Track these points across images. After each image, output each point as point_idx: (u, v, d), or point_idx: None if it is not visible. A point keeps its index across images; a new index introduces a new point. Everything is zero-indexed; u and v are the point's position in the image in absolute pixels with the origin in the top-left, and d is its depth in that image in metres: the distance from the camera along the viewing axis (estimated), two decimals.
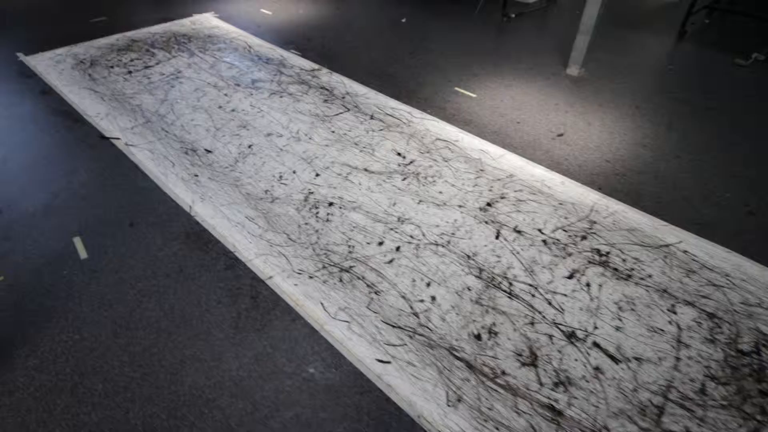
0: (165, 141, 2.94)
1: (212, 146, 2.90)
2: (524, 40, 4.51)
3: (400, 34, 4.55)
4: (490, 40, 4.49)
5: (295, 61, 3.97)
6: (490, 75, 3.83)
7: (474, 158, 2.85)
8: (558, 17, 5.13)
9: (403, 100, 3.43)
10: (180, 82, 3.58)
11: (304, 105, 3.34)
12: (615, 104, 3.43)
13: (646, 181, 2.69)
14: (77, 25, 4.46)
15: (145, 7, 4.97)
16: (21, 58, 3.83)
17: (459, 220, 2.40)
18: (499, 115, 3.29)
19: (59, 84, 3.50)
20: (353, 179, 2.66)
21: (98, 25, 4.46)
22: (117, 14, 4.74)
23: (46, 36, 4.21)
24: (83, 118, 3.14)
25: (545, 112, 3.33)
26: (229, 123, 3.13)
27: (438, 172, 2.73)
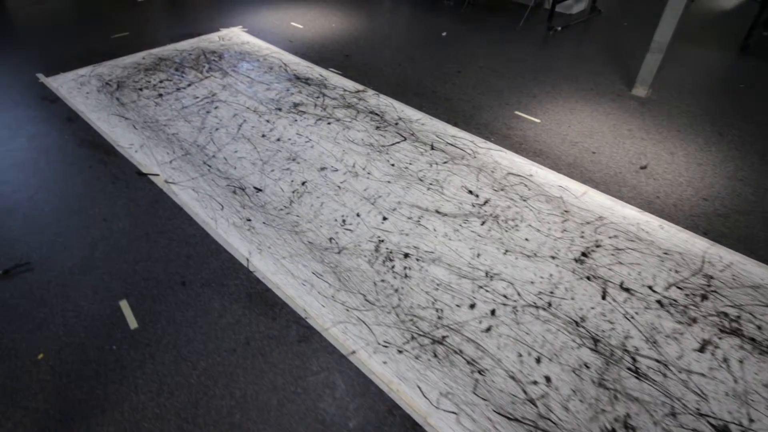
0: (209, 177, 2.65)
1: (262, 183, 2.61)
2: (576, 56, 4.22)
3: (443, 49, 4.26)
4: (539, 56, 4.20)
5: (337, 81, 3.68)
6: (549, 96, 3.54)
7: (554, 196, 2.56)
8: (605, 29, 4.85)
9: (462, 127, 3.14)
10: (216, 106, 3.29)
11: (355, 133, 3.05)
12: (694, 130, 3.13)
13: (754, 223, 2.39)
14: (98, 41, 4.17)
15: (169, 21, 4.69)
16: (42, 80, 3.55)
17: (555, 274, 2.11)
18: (570, 143, 2.99)
19: (86, 110, 3.21)
20: (426, 224, 2.37)
21: (121, 41, 4.17)
22: (140, 29, 4.45)
23: (67, 54, 3.92)
24: (115, 149, 2.84)
25: (620, 140, 3.03)
26: (276, 155, 2.84)
27: (518, 214, 2.44)
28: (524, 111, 3.33)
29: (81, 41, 4.17)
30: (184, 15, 4.84)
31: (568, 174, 2.73)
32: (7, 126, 3.02)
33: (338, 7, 5.14)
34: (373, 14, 5.01)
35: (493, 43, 4.43)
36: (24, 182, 2.56)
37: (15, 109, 3.19)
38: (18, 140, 2.89)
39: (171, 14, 4.87)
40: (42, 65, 3.75)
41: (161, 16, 4.83)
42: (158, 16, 4.81)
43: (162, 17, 4.78)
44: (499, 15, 5.12)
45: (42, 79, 3.56)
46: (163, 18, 4.76)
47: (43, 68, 3.70)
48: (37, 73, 3.64)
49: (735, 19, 5.10)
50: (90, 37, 4.26)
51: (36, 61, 3.81)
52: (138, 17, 4.75)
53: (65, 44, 4.11)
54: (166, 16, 4.80)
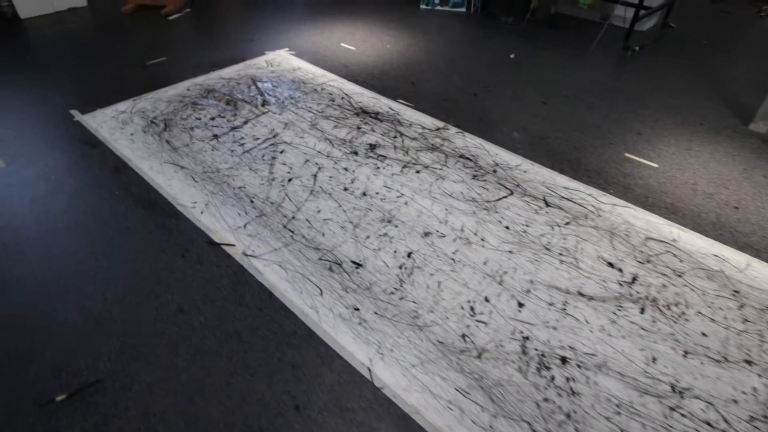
0: (294, 248, 2.21)
1: (360, 256, 2.18)
2: (667, 82, 3.81)
3: (516, 74, 3.84)
4: (625, 82, 3.78)
5: (410, 115, 3.25)
6: (655, 133, 3.12)
7: (714, 270, 2.14)
8: (685, 50, 4.43)
9: (570, 174, 2.72)
10: (282, 150, 2.86)
11: (451, 184, 2.62)
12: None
13: None
14: (134, 68, 3.73)
15: (205, 41, 4.25)
16: (77, 118, 3.10)
17: (761, 389, 1.68)
18: (704, 195, 2.57)
19: (133, 157, 2.77)
20: (573, 311, 1.94)
21: (158, 69, 3.73)
22: (176, 53, 4.01)
23: (99, 84, 3.48)
24: (177, 210, 2.41)
25: (761, 190, 2.61)
26: (367, 215, 2.41)
27: (680, 296, 2.01)
28: (635, 152, 2.91)
29: (113, 68, 3.72)
30: (221, 34, 4.40)
31: (716, 237, 2.31)
32: (44, 178, 2.58)
33: (387, 25, 4.71)
34: (426, 32, 4.58)
35: (568, 66, 4.01)
36: (71, 261, 2.12)
37: (51, 156, 2.75)
38: (58, 198, 2.45)
39: (206, 34, 4.43)
40: (74, 98, 3.31)
41: (196, 36, 4.39)
42: (193, 37, 4.37)
43: (197, 38, 4.34)
44: (563, 32, 4.70)
45: (77, 117, 3.12)
46: (198, 39, 4.32)
47: (76, 102, 3.26)
48: (70, 109, 3.19)
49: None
50: (122, 63, 3.81)
51: (66, 94, 3.37)
52: (171, 38, 4.31)
53: (96, 72, 3.66)
54: (202, 37, 4.36)
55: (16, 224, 2.29)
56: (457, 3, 5.11)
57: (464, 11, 5.13)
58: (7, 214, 2.34)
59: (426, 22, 4.85)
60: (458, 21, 4.91)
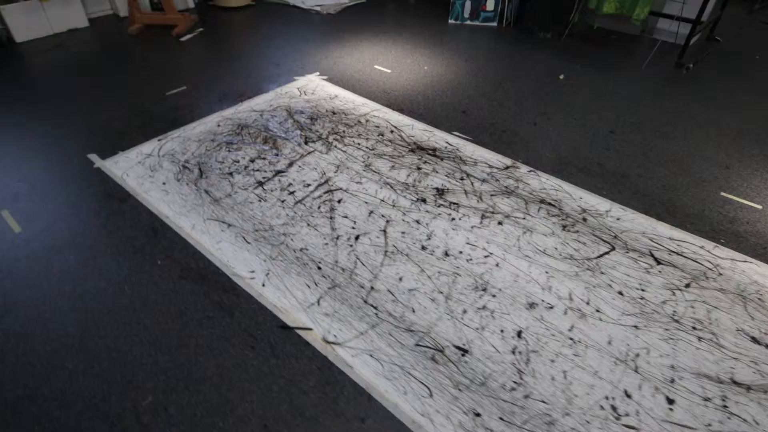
0: (383, 329, 1.87)
1: (462, 339, 1.84)
2: (734, 102, 3.55)
3: (570, 98, 3.54)
4: (691, 104, 3.51)
5: (472, 151, 2.92)
6: (745, 166, 2.84)
7: None
8: (741, 66, 4.18)
9: (669, 221, 2.42)
10: (339, 199, 2.51)
11: (541, 237, 2.30)
12: None
13: None
14: (151, 99, 3.35)
15: (229, 69, 3.87)
16: (97, 164, 2.71)
17: None
18: None
19: (171, 213, 2.40)
20: (738, 409, 1.63)
21: (180, 100, 3.35)
22: (197, 81, 3.63)
23: (117, 121, 3.09)
24: (233, 282, 2.04)
25: None
26: (456, 282, 2.07)
27: None
28: (731, 191, 2.63)
29: (128, 100, 3.33)
30: (241, 57, 4.02)
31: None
32: (70, 245, 2.19)
33: (418, 43, 4.39)
34: (461, 51, 4.26)
35: (624, 88, 3.73)
36: (117, 363, 1.75)
37: (75, 215, 2.36)
38: (91, 272, 2.07)
39: (225, 57, 4.05)
40: (89, 139, 2.92)
41: (214, 60, 4.00)
42: (211, 61, 3.98)
43: (216, 62, 3.96)
44: (606, 48, 4.43)
45: (98, 164, 2.72)
46: (217, 63, 3.94)
47: (93, 144, 2.87)
48: (88, 153, 2.80)
49: None
50: (138, 93, 3.42)
51: (79, 134, 2.97)
52: (188, 63, 3.92)
53: (109, 105, 3.27)
54: (221, 61, 3.97)
55: (43, 311, 1.90)
56: (488, 17, 4.80)
57: (495, 25, 4.82)
58: (32, 298, 1.95)
59: (458, 38, 4.53)
60: (491, 36, 4.60)
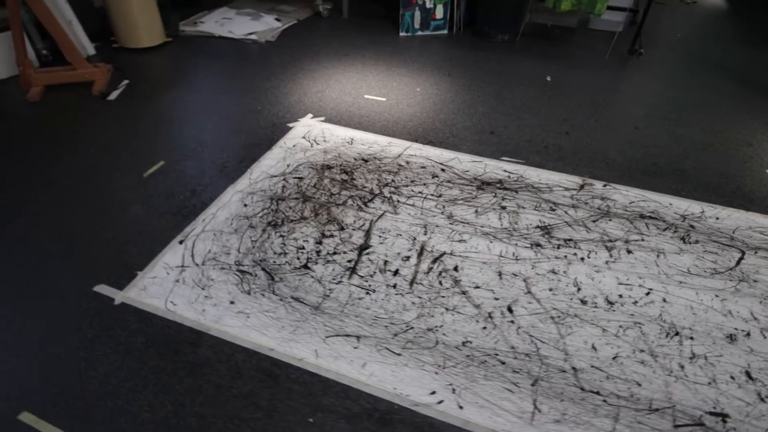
0: (627, 419, 1.60)
1: (706, 400, 1.66)
2: (707, 80, 3.89)
3: (575, 99, 3.56)
4: (670, 87, 3.76)
5: (536, 175, 2.75)
6: (767, 138, 3.11)
7: None
8: (676, 46, 4.62)
9: (756, 209, 2.53)
10: (454, 267, 2.14)
11: (675, 258, 2.22)
12: None
13: None
14: (132, 189, 2.57)
15: (198, 127, 3.14)
16: (118, 299, 1.96)
17: None
18: None
19: (275, 343, 1.81)
20: None
21: (166, 180, 2.61)
22: (171, 151, 2.87)
23: (104, 229, 2.30)
24: (423, 416, 1.60)
25: None
26: (643, 334, 1.88)
27: None
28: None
29: (94, 196, 2.49)
30: (206, 111, 3.29)
31: None
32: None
33: (389, 64, 4.05)
34: (439, 66, 4.04)
35: (609, 81, 3.87)
36: None
37: (141, 402, 1.65)
38: None
39: (183, 113, 3.27)
40: (77, 268, 2.10)
41: (173, 119, 3.21)
42: (170, 120, 3.18)
43: (177, 122, 3.17)
44: (560, 44, 4.56)
45: (118, 298, 1.96)
46: (180, 123, 3.16)
47: (87, 272, 2.07)
48: (93, 286, 2.00)
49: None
50: (103, 183, 2.59)
51: (56, 263, 2.13)
52: (139, 128, 3.08)
53: (73, 210, 2.41)
54: (182, 119, 3.20)
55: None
56: (438, 25, 4.65)
57: (446, 33, 4.69)
58: None
59: (421, 51, 4.30)
60: (450, 45, 4.46)
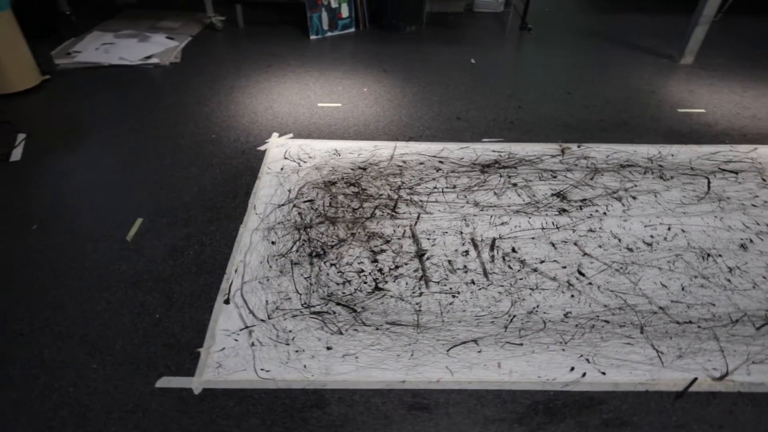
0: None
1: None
2: (597, 40, 4.50)
3: (505, 76, 3.87)
4: (571, 54, 4.29)
5: (518, 150, 2.94)
6: (673, 85, 3.74)
7: None
8: (547, 18, 5.23)
9: (702, 141, 3.06)
10: (512, 248, 2.22)
11: (668, 194, 2.60)
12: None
13: None
14: (123, 258, 2.10)
15: (162, 170, 2.67)
16: (197, 387, 1.63)
17: None
18: None
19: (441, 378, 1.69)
20: None
21: (156, 238, 2.20)
22: (139, 205, 2.42)
23: (119, 309, 1.86)
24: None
25: None
26: (687, 260, 2.19)
27: None
28: (684, 107, 3.45)
29: (85, 271, 2.00)
30: (149, 143, 2.80)
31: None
32: None
33: (319, 68, 3.88)
34: (368, 63, 3.98)
35: (516, 55, 4.27)
36: None
37: None
38: None
39: (122, 153, 2.74)
40: (117, 367, 1.69)
41: (121, 162, 2.67)
42: (120, 164, 2.65)
43: (126, 166, 2.65)
44: (459, 29, 4.85)
45: (195, 386, 1.64)
46: (129, 167, 2.65)
47: (137, 370, 1.68)
48: (155, 383, 1.63)
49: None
50: (85, 254, 2.07)
51: (81, 358, 1.68)
52: (94, 181, 2.51)
53: (70, 294, 1.91)
54: (131, 161, 2.68)
55: None
56: (346, 24, 4.59)
57: (354, 31, 4.66)
58: None
59: (343, 51, 4.21)
60: (364, 42, 4.44)
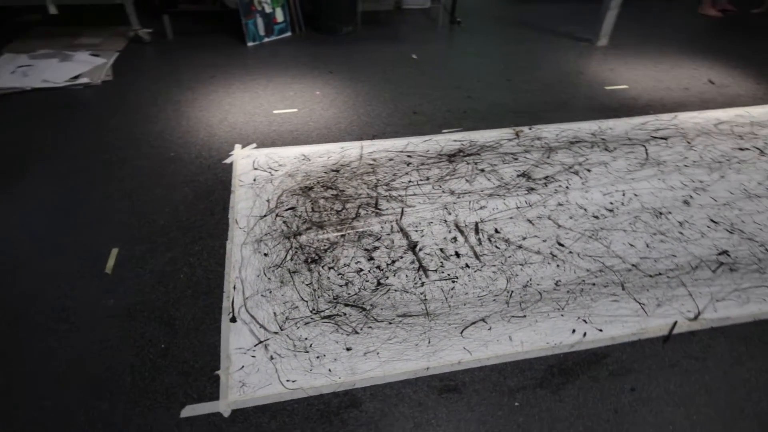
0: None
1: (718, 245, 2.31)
2: (526, 29, 4.80)
3: (447, 69, 4.05)
4: (504, 43, 4.56)
5: (478, 138, 3.11)
6: (595, 65, 4.08)
7: None
8: (471, 13, 5.48)
9: (631, 114, 3.39)
10: (495, 229, 2.37)
11: (617, 164, 2.87)
12: None
13: None
14: (103, 290, 1.98)
15: (127, 192, 2.52)
16: (225, 411, 1.60)
17: None
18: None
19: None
20: None
21: (138, 267, 2.10)
22: (114, 233, 2.28)
23: (123, 342, 1.76)
24: None
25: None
26: (645, 221, 2.46)
27: None
28: (609, 84, 3.80)
29: (69, 313, 1.86)
30: (96, 169, 2.62)
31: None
32: None
33: (265, 74, 3.79)
34: (313, 66, 3.95)
35: (452, 48, 4.48)
36: None
37: None
38: None
39: (85, 179, 2.54)
40: (137, 401, 1.62)
41: (81, 190, 2.47)
42: (81, 192, 2.45)
43: (86, 192, 2.46)
44: (394, 26, 4.96)
45: (224, 410, 1.60)
46: (91, 193, 2.46)
47: (157, 403, 1.62)
48: (180, 413, 1.58)
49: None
50: (63, 292, 1.93)
51: (93, 406, 1.59)
52: (56, 208, 2.31)
53: (63, 339, 1.77)
54: (87, 189, 2.49)
55: None
56: (282, 28, 4.54)
57: (290, 35, 4.62)
58: None
59: (285, 56, 4.15)
60: (303, 45, 4.41)
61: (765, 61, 4.29)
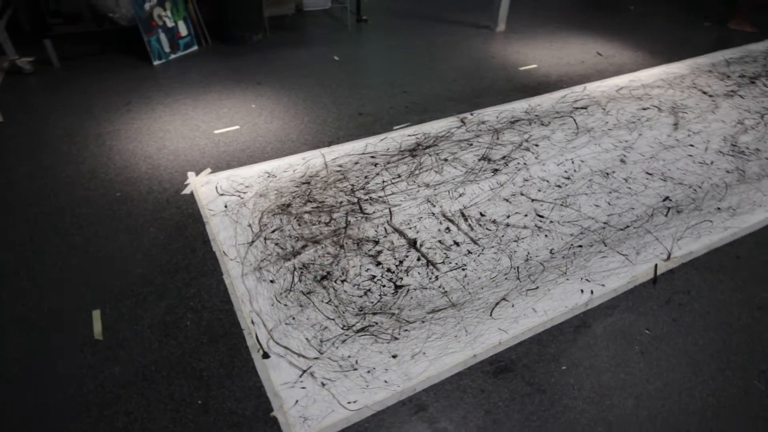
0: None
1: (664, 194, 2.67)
2: (435, 22, 4.99)
3: (371, 67, 4.11)
4: (407, 37, 4.72)
5: (429, 130, 3.23)
6: (521, 47, 4.40)
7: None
8: (376, 10, 5.58)
9: (548, 91, 3.74)
10: (482, 213, 2.51)
11: (555, 137, 3.17)
12: None
13: None
14: (92, 354, 1.75)
15: (89, 242, 2.20)
16: None
17: None
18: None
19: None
20: None
21: (129, 325, 1.88)
22: (94, 293, 1.99)
23: (147, 403, 1.58)
24: None
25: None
26: (597, 182, 2.77)
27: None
28: (523, 65, 4.14)
29: (66, 389, 1.61)
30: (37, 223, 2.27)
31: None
32: None
33: (187, 94, 3.49)
34: (237, 80, 3.72)
35: (368, 46, 4.52)
36: None
37: None
38: None
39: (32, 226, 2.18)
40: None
41: (26, 247, 2.11)
42: (27, 248, 2.08)
43: (36, 245, 2.11)
44: (298, 29, 4.86)
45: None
46: (47, 243, 2.11)
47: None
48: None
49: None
50: (49, 358, 1.66)
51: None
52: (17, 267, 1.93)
53: (63, 410, 1.53)
54: (43, 241, 2.13)
55: None
56: (187, 43, 4.21)
57: (197, 48, 4.32)
58: None
59: (200, 72, 3.86)
60: (215, 59, 4.15)
61: (633, 31, 4.99)
